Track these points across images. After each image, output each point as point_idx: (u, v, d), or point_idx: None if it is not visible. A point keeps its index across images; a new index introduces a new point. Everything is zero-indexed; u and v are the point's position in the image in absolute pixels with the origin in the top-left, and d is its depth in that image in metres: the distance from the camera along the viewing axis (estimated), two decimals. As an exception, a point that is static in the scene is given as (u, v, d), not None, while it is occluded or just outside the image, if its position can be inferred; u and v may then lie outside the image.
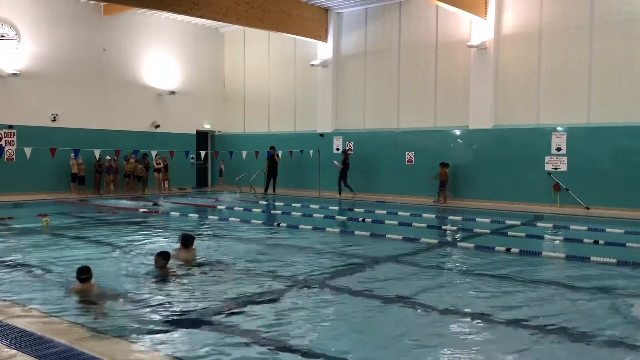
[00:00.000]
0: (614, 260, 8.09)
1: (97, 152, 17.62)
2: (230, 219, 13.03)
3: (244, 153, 20.50)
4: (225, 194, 20.14)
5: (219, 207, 15.79)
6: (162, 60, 22.41)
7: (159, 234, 10.85)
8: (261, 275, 7.27)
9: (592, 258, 8.30)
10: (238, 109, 24.46)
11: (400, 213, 14.03)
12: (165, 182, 21.53)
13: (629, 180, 14.89)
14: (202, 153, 21.14)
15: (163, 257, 7.15)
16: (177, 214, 13.98)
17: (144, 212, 14.44)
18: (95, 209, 15.21)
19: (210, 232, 11.12)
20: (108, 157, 19.60)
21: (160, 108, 22.41)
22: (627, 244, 9.67)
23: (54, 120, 19.22)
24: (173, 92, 22.63)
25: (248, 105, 24.17)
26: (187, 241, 8.16)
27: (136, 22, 21.53)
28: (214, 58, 24.48)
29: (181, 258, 7.86)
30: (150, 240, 9.96)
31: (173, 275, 7.08)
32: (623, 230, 11.15)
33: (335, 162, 20.00)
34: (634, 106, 15.10)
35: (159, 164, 21.07)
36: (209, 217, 13.56)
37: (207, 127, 24.30)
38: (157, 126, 22.14)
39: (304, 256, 8.70)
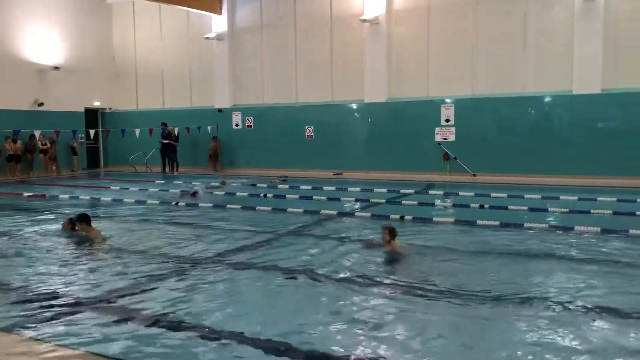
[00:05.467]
0: (498, 223, 8.74)
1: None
2: (125, 199, 12.53)
3: (137, 131, 19.71)
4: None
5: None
6: (42, 33, 20.75)
7: (48, 218, 10.20)
8: (161, 255, 7.10)
9: (478, 222, 8.91)
10: (130, 85, 23.34)
11: (302, 187, 14.22)
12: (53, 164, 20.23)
13: (511, 147, 16.04)
14: (92, 132, 20.03)
15: None
16: (67, 196, 13.22)
17: (28, 196, 13.51)
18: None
19: (106, 214, 10.65)
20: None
21: (43, 85, 20.83)
22: (509, 207, 10.46)
23: None
24: (57, 68, 21.11)
25: (140, 80, 23.14)
26: (85, 219, 7.97)
27: (10, -10, 19.74)
28: (101, 31, 23.07)
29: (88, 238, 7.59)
30: (37, 225, 9.36)
31: (68, 260, 6.74)
32: (506, 195, 12.03)
33: (169, 141, 20.19)
34: (513, 77, 16.21)
35: (45, 144, 19.73)
36: (102, 198, 12.96)
37: (96, 104, 22.99)
38: (41, 104, 20.59)
39: (204, 234, 8.58)
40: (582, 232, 8.09)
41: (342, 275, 6.01)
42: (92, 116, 22.96)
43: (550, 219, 9.41)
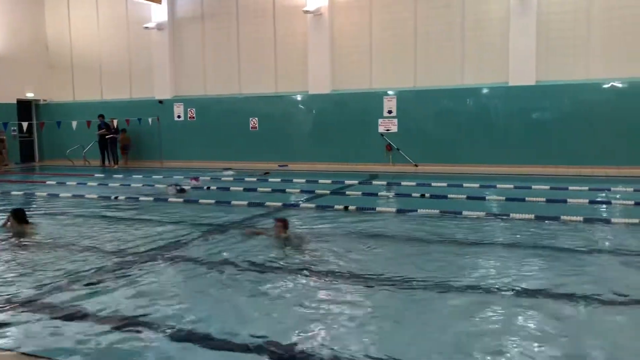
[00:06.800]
0: (437, 211, 8.98)
1: None
2: (61, 194, 12.09)
3: (74, 123, 19.01)
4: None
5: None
6: (-32, 19, 19.65)
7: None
8: (98, 251, 6.91)
9: (419, 210, 9.13)
10: (65, 76, 22.44)
11: (246, 179, 14.14)
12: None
13: (451, 138, 16.46)
14: (25, 124, 19.17)
15: None
16: (-1, 192, 12.65)
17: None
18: None
19: (43, 210, 10.25)
20: None
21: (-31, 75, 19.75)
22: (448, 195, 10.76)
23: None
24: (-16, 57, 20.06)
25: (77, 71, 22.28)
26: (20, 215, 7.91)
27: None
28: (33, 18, 22.03)
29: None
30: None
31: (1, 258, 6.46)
32: (446, 184, 12.37)
33: (111, 134, 19.90)
34: (452, 70, 16.61)
35: (-27, 137, 18.74)
36: (37, 193, 12.45)
37: (30, 95, 21.99)
38: (-32, 95, 19.53)
39: (145, 229, 8.39)
40: (517, 219, 8.43)
41: (277, 266, 6.04)
42: (25, 108, 21.95)
43: (488, 206, 9.74)
